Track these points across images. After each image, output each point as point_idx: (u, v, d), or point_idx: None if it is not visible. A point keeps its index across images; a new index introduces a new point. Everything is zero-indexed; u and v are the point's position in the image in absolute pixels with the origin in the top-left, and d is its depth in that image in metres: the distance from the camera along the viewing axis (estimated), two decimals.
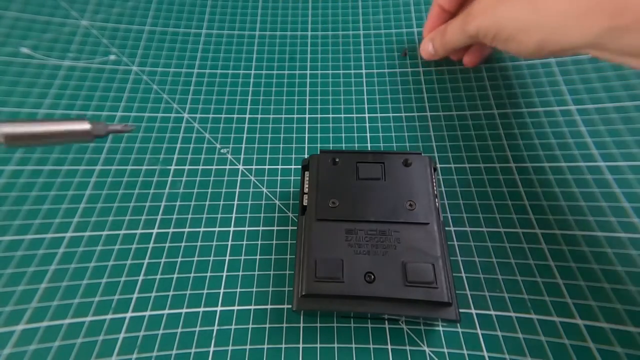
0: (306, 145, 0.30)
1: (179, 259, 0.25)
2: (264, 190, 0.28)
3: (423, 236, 0.20)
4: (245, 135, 0.30)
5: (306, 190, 0.23)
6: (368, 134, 0.30)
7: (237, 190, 0.28)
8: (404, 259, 0.19)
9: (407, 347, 0.21)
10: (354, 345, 0.21)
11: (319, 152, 0.24)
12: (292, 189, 0.28)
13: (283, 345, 0.21)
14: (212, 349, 0.21)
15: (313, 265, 0.20)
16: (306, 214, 0.22)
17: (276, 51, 0.36)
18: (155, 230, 0.26)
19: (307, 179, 0.23)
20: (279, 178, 0.28)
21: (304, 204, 0.23)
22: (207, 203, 0.27)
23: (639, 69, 0.20)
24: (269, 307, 0.23)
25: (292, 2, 0.40)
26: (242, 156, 0.29)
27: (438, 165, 0.28)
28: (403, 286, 0.19)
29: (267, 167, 0.29)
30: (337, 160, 0.23)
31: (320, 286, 0.19)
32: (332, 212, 0.21)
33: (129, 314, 0.22)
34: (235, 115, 0.32)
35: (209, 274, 0.24)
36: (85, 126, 0.17)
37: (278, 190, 0.28)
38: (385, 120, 0.31)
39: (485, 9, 0.23)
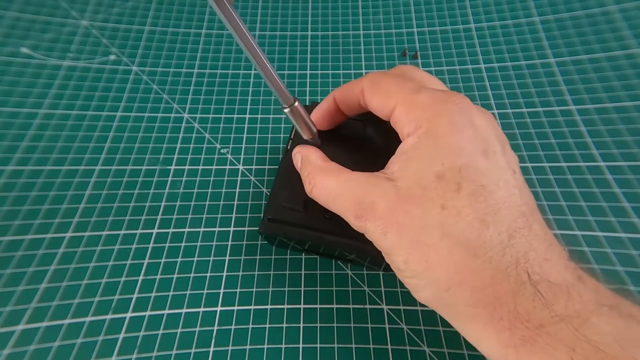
0: None
1: (179, 259, 0.24)
2: (264, 190, 0.28)
3: None
4: (245, 135, 0.30)
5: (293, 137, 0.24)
6: None
7: (237, 190, 0.28)
8: None
9: (407, 347, 0.21)
10: (354, 346, 0.21)
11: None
12: None
13: (283, 345, 0.21)
14: (212, 349, 0.21)
15: (280, 195, 0.21)
16: (285, 152, 0.23)
17: (276, 51, 0.36)
18: (155, 230, 0.26)
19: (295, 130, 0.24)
20: None
21: (288, 147, 0.24)
22: (207, 203, 0.27)
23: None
24: (269, 307, 0.23)
25: (292, 2, 0.40)
26: (242, 156, 0.29)
27: None
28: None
29: (267, 167, 0.29)
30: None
31: (284, 213, 0.21)
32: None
33: (129, 314, 0.22)
34: (235, 115, 0.32)
35: (208, 274, 0.24)
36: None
37: None
38: None
39: (375, 215, 0.16)
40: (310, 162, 0.20)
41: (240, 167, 0.29)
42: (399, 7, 0.39)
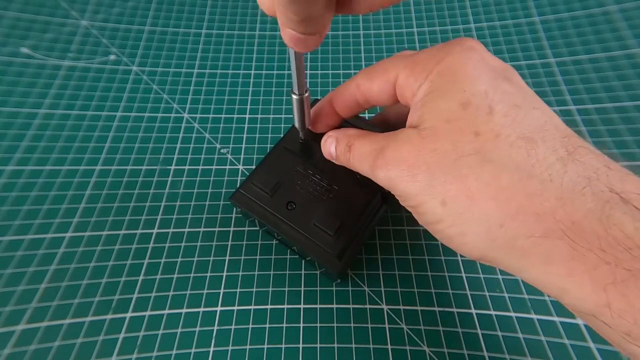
0: None
1: (179, 259, 0.24)
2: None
3: (354, 201, 0.22)
4: (245, 135, 0.30)
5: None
6: None
7: None
8: (325, 207, 0.22)
9: (407, 347, 0.21)
10: (354, 346, 0.21)
11: None
12: None
13: (283, 346, 0.21)
14: (212, 349, 0.21)
15: (255, 175, 0.23)
16: (278, 142, 0.25)
17: (276, 51, 0.36)
18: (155, 230, 0.26)
19: None
20: None
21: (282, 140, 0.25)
22: (207, 203, 0.27)
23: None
24: (268, 307, 0.23)
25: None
26: (242, 156, 0.29)
27: None
28: (311, 225, 0.21)
29: None
30: None
31: (253, 191, 0.23)
32: (297, 145, 0.24)
33: (129, 314, 0.22)
34: (235, 115, 0.32)
35: (209, 274, 0.24)
36: None
37: None
38: None
39: (401, 162, 0.15)
40: (345, 133, 0.19)
41: (240, 167, 0.29)
42: (398, 7, 0.39)
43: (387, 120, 0.23)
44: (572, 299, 0.11)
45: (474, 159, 0.13)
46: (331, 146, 0.19)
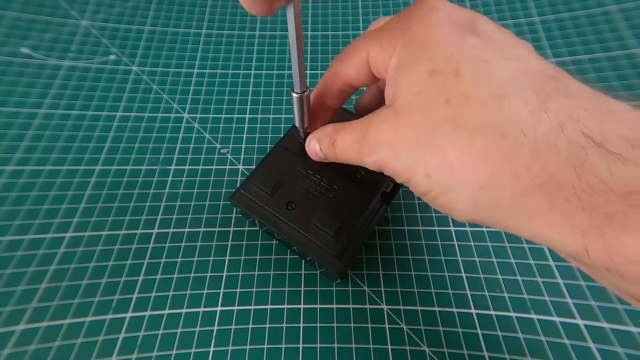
0: None
1: (179, 259, 0.24)
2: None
3: (354, 201, 0.22)
4: (245, 135, 0.30)
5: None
6: None
7: None
8: (325, 207, 0.22)
9: (407, 347, 0.21)
10: (354, 346, 0.21)
11: None
12: None
13: (283, 346, 0.21)
14: (212, 349, 0.21)
15: (255, 175, 0.23)
16: (278, 141, 0.25)
17: (276, 51, 0.36)
18: (155, 230, 0.26)
19: None
20: None
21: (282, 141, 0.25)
22: (207, 203, 0.27)
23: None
24: (268, 307, 0.23)
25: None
26: (242, 156, 0.29)
27: None
28: (311, 225, 0.21)
29: None
30: None
31: (253, 191, 0.23)
32: (297, 145, 0.24)
33: (129, 314, 0.22)
34: (235, 115, 0.32)
35: (209, 274, 0.24)
36: None
37: None
38: None
39: (383, 144, 0.15)
40: (325, 132, 0.19)
41: (240, 167, 0.29)
42: (398, 7, 0.39)
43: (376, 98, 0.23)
44: (555, 246, 0.12)
45: (448, 126, 0.13)
46: (315, 147, 0.19)
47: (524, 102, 0.12)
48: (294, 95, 0.19)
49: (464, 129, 0.12)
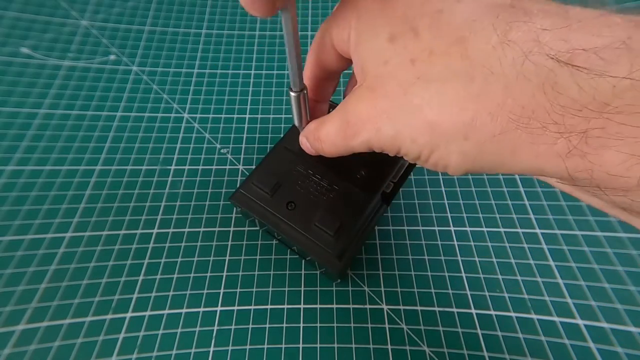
0: None
1: (179, 259, 0.24)
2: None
3: (354, 201, 0.22)
4: (245, 135, 0.30)
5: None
6: None
7: None
8: (326, 207, 0.22)
9: (407, 347, 0.21)
10: (354, 346, 0.21)
11: None
12: None
13: (283, 346, 0.21)
14: (212, 349, 0.21)
15: (255, 175, 0.23)
16: (278, 141, 0.25)
17: (276, 51, 0.36)
18: (155, 230, 0.26)
19: None
20: None
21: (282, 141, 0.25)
22: (207, 203, 0.27)
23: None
24: (268, 307, 0.23)
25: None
26: (242, 156, 0.29)
27: None
28: (311, 225, 0.21)
29: None
30: None
31: (253, 191, 0.23)
32: (297, 145, 0.23)
33: (129, 314, 0.22)
34: (235, 115, 0.32)
35: (209, 274, 0.24)
36: None
37: None
38: None
39: (365, 122, 0.15)
40: (309, 129, 0.19)
41: (240, 167, 0.29)
42: None
43: None
44: (548, 175, 0.12)
45: (419, 86, 0.13)
46: (307, 145, 0.20)
47: (485, 40, 0.11)
48: (292, 93, 0.19)
49: (434, 84, 0.12)
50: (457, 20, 0.12)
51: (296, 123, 0.21)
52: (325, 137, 0.17)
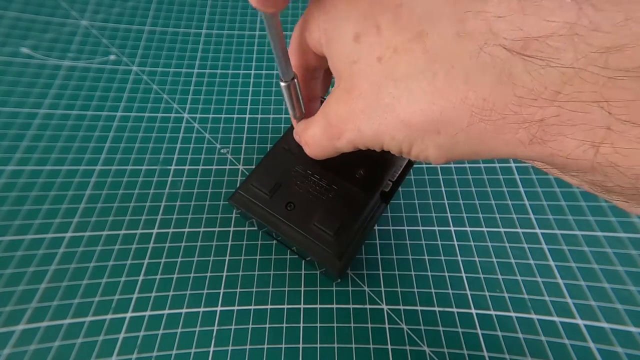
0: None
1: (179, 259, 0.24)
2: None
3: (354, 201, 0.22)
4: (245, 135, 0.30)
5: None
6: None
7: None
8: (325, 207, 0.22)
9: (407, 347, 0.21)
10: (354, 346, 0.21)
11: None
12: None
13: (283, 346, 0.21)
14: (212, 349, 0.21)
15: (254, 176, 0.23)
16: (277, 142, 0.25)
17: None
18: (155, 230, 0.26)
19: None
20: None
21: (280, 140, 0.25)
22: (207, 203, 0.27)
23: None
24: (268, 307, 0.23)
25: (292, 1, 0.40)
26: (242, 156, 0.29)
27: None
28: (311, 225, 0.21)
29: None
30: None
31: (252, 192, 0.23)
32: (296, 145, 0.23)
33: (129, 314, 0.22)
34: (235, 115, 0.32)
35: (209, 274, 0.24)
36: None
37: None
38: None
39: (346, 122, 0.15)
40: (300, 130, 0.19)
41: (240, 167, 0.29)
42: None
43: None
44: (521, 159, 0.12)
45: (388, 85, 0.13)
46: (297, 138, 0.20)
47: (443, 34, 0.11)
48: (282, 84, 0.18)
49: (401, 81, 0.12)
50: (416, 15, 0.12)
51: (290, 115, 0.21)
52: (311, 139, 0.18)
